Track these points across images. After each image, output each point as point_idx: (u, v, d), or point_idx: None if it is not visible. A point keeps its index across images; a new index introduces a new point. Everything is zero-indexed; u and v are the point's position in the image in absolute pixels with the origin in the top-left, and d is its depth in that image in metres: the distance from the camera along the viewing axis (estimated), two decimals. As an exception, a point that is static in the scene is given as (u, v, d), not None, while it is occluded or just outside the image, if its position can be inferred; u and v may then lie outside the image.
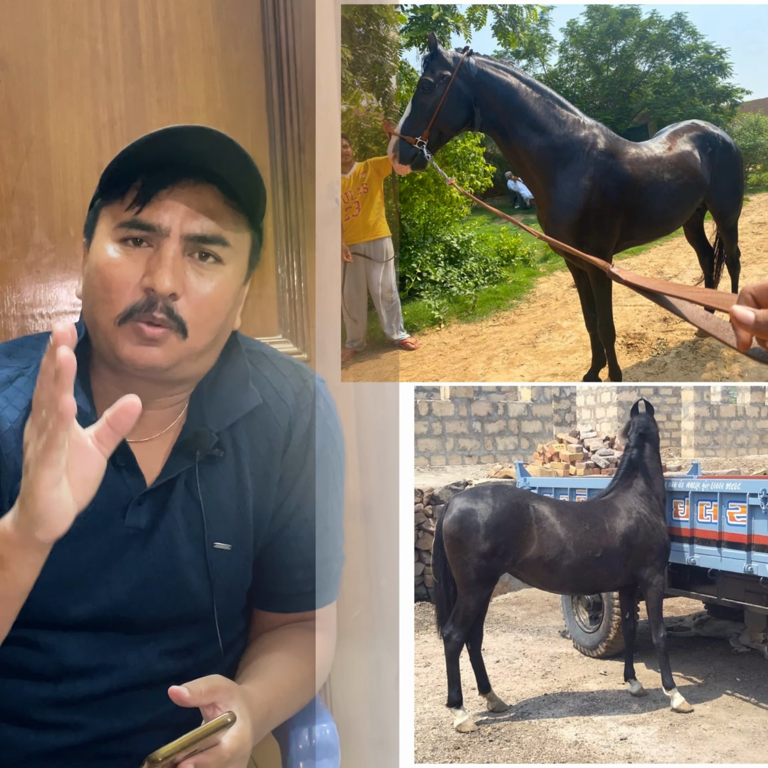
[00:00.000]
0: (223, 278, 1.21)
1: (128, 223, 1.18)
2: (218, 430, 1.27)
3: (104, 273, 1.18)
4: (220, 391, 1.29)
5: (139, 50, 1.83)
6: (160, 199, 1.17)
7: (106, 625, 1.25)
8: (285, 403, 1.33)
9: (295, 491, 1.35)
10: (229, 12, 1.87)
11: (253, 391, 1.31)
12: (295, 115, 1.88)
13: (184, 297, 1.18)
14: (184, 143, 1.18)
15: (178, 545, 1.26)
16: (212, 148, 1.18)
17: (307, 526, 1.35)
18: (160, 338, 1.17)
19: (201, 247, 1.19)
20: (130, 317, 1.17)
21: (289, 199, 1.89)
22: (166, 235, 1.17)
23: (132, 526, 1.24)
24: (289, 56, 1.87)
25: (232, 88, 1.87)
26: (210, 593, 1.28)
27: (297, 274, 1.91)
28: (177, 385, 1.26)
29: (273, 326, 1.92)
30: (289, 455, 1.33)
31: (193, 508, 1.27)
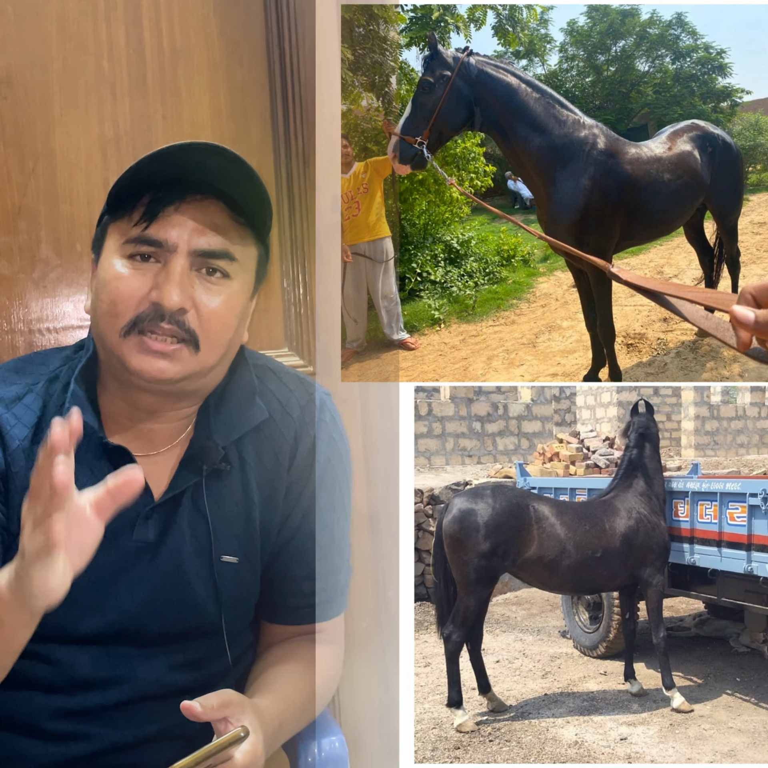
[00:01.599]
0: (231, 293, 1.22)
1: (136, 239, 1.19)
2: (225, 444, 1.27)
3: (111, 287, 1.19)
4: (227, 406, 1.30)
5: (144, 67, 1.84)
6: (168, 215, 1.19)
7: (115, 639, 1.26)
8: (291, 417, 1.34)
9: (302, 503, 1.35)
10: (234, 28, 1.88)
11: (260, 406, 1.31)
12: (299, 130, 1.89)
13: (193, 311, 1.19)
14: (191, 160, 1.19)
15: (185, 559, 1.26)
16: (219, 165, 1.19)
17: (313, 539, 1.36)
18: (171, 352, 1.18)
19: (208, 263, 1.20)
20: (135, 327, 1.18)
21: (294, 213, 1.91)
22: (174, 251, 1.18)
23: (140, 541, 1.25)
24: (293, 71, 1.88)
25: (236, 104, 1.88)
26: (218, 607, 1.28)
27: (302, 287, 1.92)
28: (185, 399, 1.27)
29: (279, 339, 1.92)
30: (295, 468, 1.34)
31: (201, 522, 1.27)
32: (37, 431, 1.24)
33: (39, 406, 1.25)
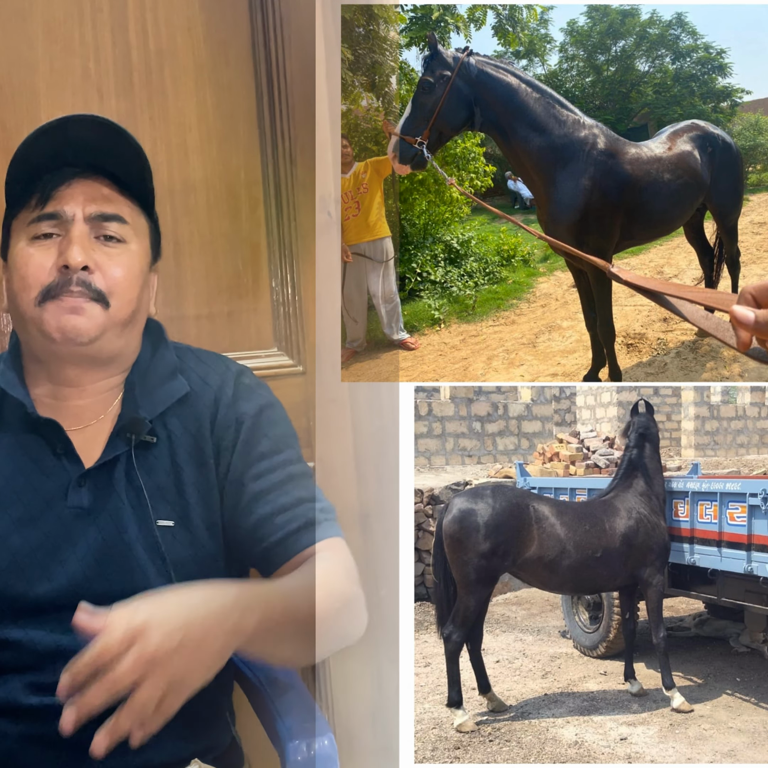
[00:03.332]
0: (130, 254, 1.35)
1: (36, 219, 1.31)
2: (151, 418, 1.36)
3: (20, 265, 1.31)
4: (150, 382, 1.40)
5: (131, 68, 1.84)
6: (61, 192, 1.31)
7: (67, 606, 1.24)
8: (209, 386, 1.42)
9: (237, 455, 1.39)
10: (219, 29, 1.87)
11: (181, 380, 1.41)
12: (286, 130, 1.89)
13: (98, 272, 1.30)
14: (72, 137, 1.31)
15: (125, 524, 1.32)
16: (99, 138, 1.32)
17: (264, 480, 1.38)
18: (82, 307, 1.29)
19: (104, 227, 1.32)
20: (48, 296, 1.29)
21: (282, 213, 1.91)
22: (72, 220, 1.31)
23: (75, 507, 1.31)
24: (279, 71, 1.88)
25: (223, 104, 1.88)
26: (165, 569, 1.31)
27: (291, 287, 1.93)
28: (105, 367, 1.36)
29: (268, 339, 1.93)
30: (218, 425, 1.39)
31: (134, 490, 1.33)
32: None
33: None
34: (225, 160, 1.88)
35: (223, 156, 1.87)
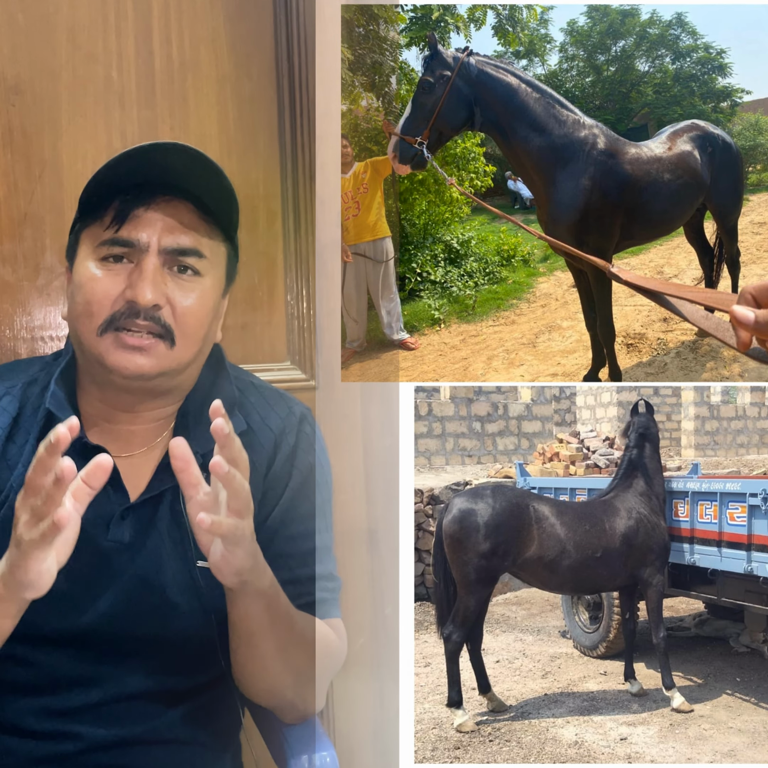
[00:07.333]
0: (203, 289, 1.27)
1: (108, 241, 1.23)
2: (203, 452, 1.26)
3: (86, 288, 1.23)
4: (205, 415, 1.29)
5: (153, 77, 1.85)
6: (138, 216, 1.23)
7: (92, 640, 1.25)
8: (269, 429, 1.36)
9: (280, 508, 1.35)
10: (243, 41, 1.88)
11: (239, 417, 1.34)
12: (306, 144, 1.90)
13: (168, 307, 1.23)
14: (157, 161, 1.23)
15: (164, 562, 1.27)
16: (185, 164, 1.23)
17: (293, 544, 1.35)
18: (148, 347, 1.22)
19: (179, 260, 1.24)
20: (111, 325, 1.22)
21: (300, 228, 1.91)
22: (146, 250, 1.22)
23: (115, 541, 1.26)
24: (302, 86, 1.89)
25: (244, 117, 1.89)
26: (202, 612, 1.27)
27: (306, 301, 1.93)
28: (162, 398, 1.30)
29: (282, 353, 1.93)
30: (273, 474, 1.35)
31: (177, 527, 1.28)
32: (11, 432, 1.28)
33: (15, 408, 1.29)
34: (244, 172, 1.88)
35: (242, 168, 1.88)
